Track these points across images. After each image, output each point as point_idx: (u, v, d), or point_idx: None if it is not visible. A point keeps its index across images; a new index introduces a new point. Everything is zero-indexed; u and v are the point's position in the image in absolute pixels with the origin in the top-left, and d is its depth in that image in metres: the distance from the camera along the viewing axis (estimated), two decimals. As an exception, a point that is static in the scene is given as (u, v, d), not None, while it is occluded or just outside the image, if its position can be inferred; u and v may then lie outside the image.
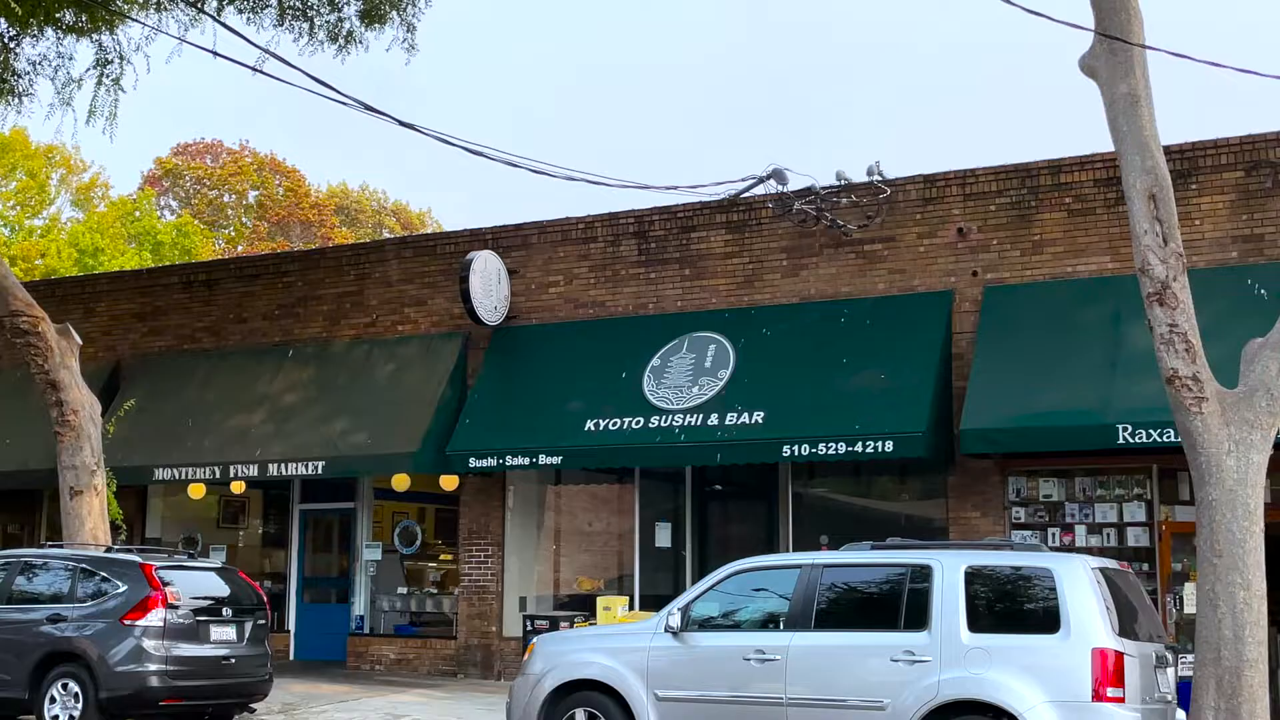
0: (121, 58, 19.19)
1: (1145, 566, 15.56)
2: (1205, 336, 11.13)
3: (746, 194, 18.28)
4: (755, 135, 64.42)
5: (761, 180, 18.04)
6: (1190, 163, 15.98)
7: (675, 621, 11.34)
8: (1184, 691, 11.07)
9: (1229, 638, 10.34)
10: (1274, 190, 15.68)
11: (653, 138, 68.96)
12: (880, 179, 17.52)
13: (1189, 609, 14.85)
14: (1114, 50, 11.27)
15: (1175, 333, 10.80)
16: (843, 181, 17.70)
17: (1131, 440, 14.63)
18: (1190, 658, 11.51)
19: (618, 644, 11.73)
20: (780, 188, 17.91)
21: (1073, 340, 15.86)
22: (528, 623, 17.57)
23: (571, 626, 16.18)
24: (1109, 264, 16.28)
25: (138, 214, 44.14)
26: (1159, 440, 14.37)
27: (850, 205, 17.67)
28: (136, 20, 18.30)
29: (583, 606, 18.24)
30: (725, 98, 70.41)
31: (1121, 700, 9.75)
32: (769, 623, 11.27)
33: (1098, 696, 9.70)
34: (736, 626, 11.38)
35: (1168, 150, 11.01)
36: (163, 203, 48.98)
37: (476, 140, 14.98)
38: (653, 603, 17.36)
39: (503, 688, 16.22)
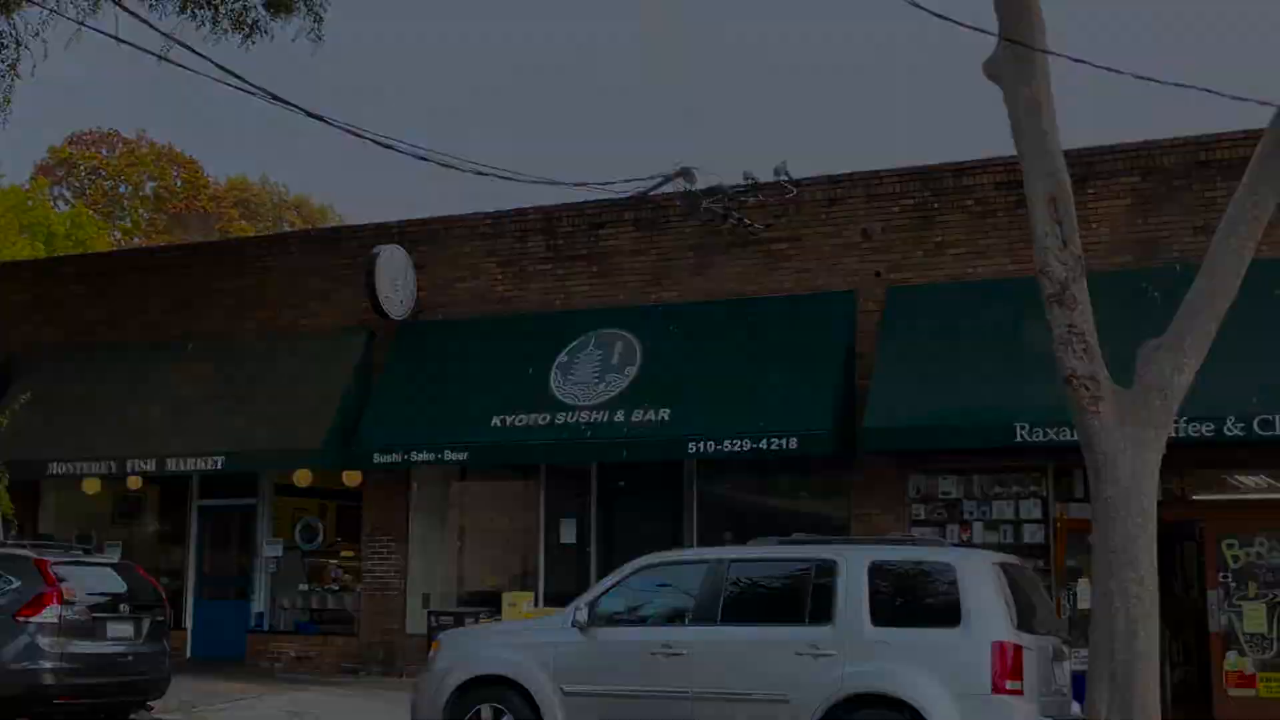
0: (18, 43, 18.74)
1: (1040, 563, 15.87)
2: (1101, 338, 11.36)
3: (655, 192, 18.34)
4: (662, 134, 64.61)
5: (670, 179, 18.12)
6: (1088, 167, 16.31)
7: (582, 616, 11.35)
8: (1078, 684, 11.30)
9: (1122, 632, 10.56)
10: (1168, 196, 16.08)
11: (559, 135, 68.90)
12: (787, 179, 17.69)
13: (1083, 604, 15.17)
14: (1017, 55, 11.45)
15: (1074, 333, 11.00)
16: (750, 181, 17.84)
17: (1029, 439, 14.93)
18: (1084, 651, 11.77)
19: (524, 639, 11.74)
20: (688, 186, 18.01)
21: (973, 340, 16.14)
22: (432, 619, 17.49)
23: (477, 623, 16.12)
24: (1009, 265, 16.58)
25: (30, 204, 43.01)
26: (1056, 439, 14.68)
27: (757, 205, 17.82)
28: (35, 3, 17.88)
29: (487, 603, 18.17)
30: (632, 96, 70.60)
31: (1020, 692, 9.98)
32: (676, 617, 11.32)
33: (997, 689, 9.91)
34: (643, 621, 11.42)
35: (1066, 155, 11.21)
36: (56, 193, 47.76)
37: (382, 133, 14.86)
38: (558, 599, 17.33)
39: (405, 685, 16.08)
